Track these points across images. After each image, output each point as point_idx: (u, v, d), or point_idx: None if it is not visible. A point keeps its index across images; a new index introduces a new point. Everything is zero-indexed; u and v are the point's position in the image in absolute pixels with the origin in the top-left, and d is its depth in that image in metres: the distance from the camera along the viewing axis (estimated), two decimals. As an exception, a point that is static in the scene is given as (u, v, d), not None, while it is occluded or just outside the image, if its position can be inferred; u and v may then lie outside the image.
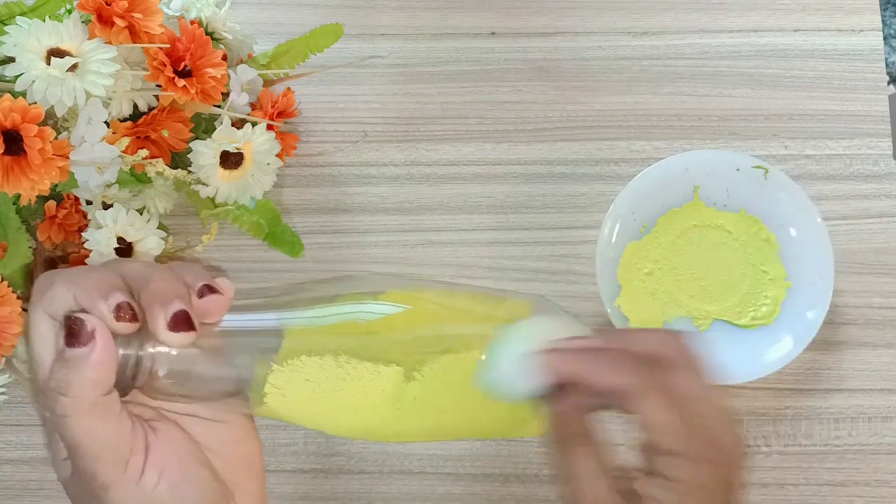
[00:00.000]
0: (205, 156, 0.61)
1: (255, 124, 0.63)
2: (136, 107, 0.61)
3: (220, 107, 0.62)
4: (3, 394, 0.61)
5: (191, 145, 0.62)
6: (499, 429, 0.47)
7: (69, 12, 0.58)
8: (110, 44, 0.56)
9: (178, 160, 0.63)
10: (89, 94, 0.54)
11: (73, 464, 0.41)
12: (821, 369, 0.69)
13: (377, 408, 0.43)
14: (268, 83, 0.67)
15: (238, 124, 0.62)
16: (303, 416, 0.43)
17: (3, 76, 0.56)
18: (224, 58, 0.61)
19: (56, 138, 0.54)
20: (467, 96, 0.73)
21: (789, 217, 0.66)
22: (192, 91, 0.59)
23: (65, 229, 0.63)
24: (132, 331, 0.39)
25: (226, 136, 0.61)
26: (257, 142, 0.63)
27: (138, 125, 0.61)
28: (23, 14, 0.58)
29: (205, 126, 0.64)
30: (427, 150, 0.72)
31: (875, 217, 0.71)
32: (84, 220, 0.64)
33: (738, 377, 0.65)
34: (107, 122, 0.57)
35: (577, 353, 0.43)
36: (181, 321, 0.39)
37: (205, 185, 0.62)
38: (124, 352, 0.39)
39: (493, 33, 0.74)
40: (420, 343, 0.43)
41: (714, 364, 0.44)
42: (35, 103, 0.53)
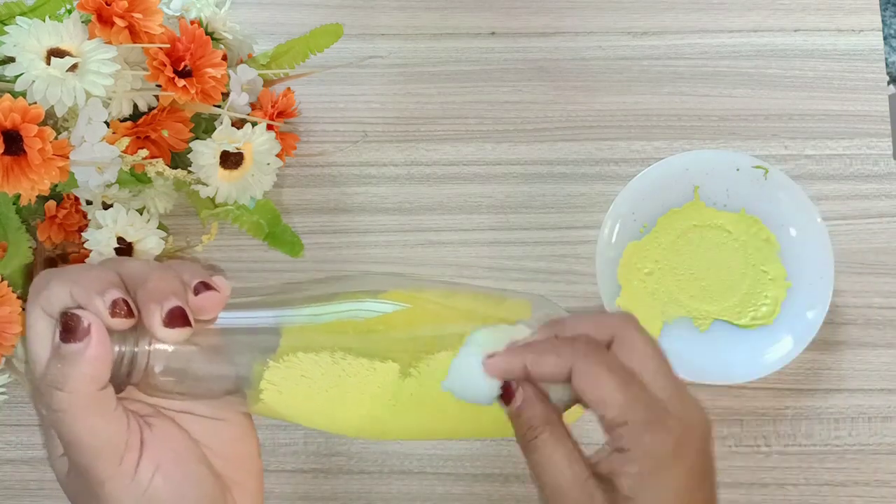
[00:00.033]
0: (205, 156, 0.61)
1: (255, 124, 0.63)
2: (136, 107, 0.61)
3: (220, 107, 0.62)
4: (3, 394, 0.62)
5: (191, 145, 0.62)
6: (496, 428, 0.46)
7: (69, 12, 0.58)
8: (110, 44, 0.56)
9: (178, 160, 0.63)
10: (89, 94, 0.54)
11: (69, 459, 0.41)
12: (821, 369, 0.69)
13: (373, 404, 0.43)
14: (268, 83, 0.67)
15: (238, 124, 0.62)
16: (299, 413, 0.43)
17: (3, 76, 0.56)
18: (224, 58, 0.61)
19: (56, 138, 0.54)
20: (467, 96, 0.73)
21: (789, 217, 0.66)
22: (192, 91, 0.59)
23: (65, 229, 0.64)
24: (128, 326, 0.39)
25: (226, 136, 0.61)
26: (257, 142, 0.63)
27: (138, 125, 0.61)
28: (23, 14, 0.58)
29: (205, 126, 0.64)
30: (427, 150, 0.72)
31: (875, 217, 0.71)
32: (84, 220, 0.64)
33: (738, 377, 0.65)
34: (107, 122, 0.57)
35: (524, 346, 0.44)
36: (177, 317, 0.39)
37: (205, 185, 0.62)
38: (120, 348, 0.39)
39: (493, 33, 0.74)
40: (417, 340, 0.43)
41: (655, 337, 0.46)
42: (35, 103, 0.53)
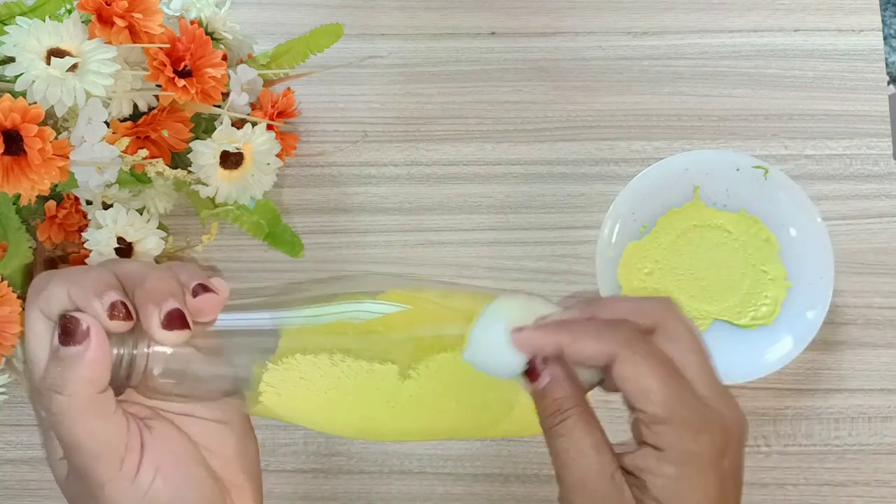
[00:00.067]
0: (205, 156, 0.61)
1: (255, 124, 0.63)
2: (136, 107, 0.61)
3: (220, 107, 0.62)
4: (3, 394, 0.62)
5: (191, 145, 0.62)
6: (496, 428, 0.46)
7: (69, 12, 0.58)
8: (110, 44, 0.56)
9: (178, 160, 0.63)
10: (89, 94, 0.54)
11: (68, 462, 0.41)
12: (821, 369, 0.69)
13: (372, 406, 0.43)
14: (268, 83, 0.67)
15: (238, 124, 0.62)
16: (298, 415, 0.44)
17: (3, 76, 0.56)
18: (224, 58, 0.61)
19: (56, 138, 0.54)
20: (467, 96, 0.73)
21: (789, 217, 0.66)
22: (192, 91, 0.59)
23: (65, 229, 0.64)
24: (126, 329, 0.39)
25: (226, 136, 0.61)
26: (257, 142, 0.63)
27: (138, 125, 0.61)
28: (23, 14, 0.58)
29: (205, 126, 0.64)
30: (427, 150, 0.72)
31: (875, 217, 0.71)
32: (84, 220, 0.64)
33: (738, 377, 0.65)
34: (107, 122, 0.57)
35: (559, 324, 0.41)
36: (175, 319, 0.39)
37: (205, 185, 0.62)
38: (119, 350, 0.39)
39: (493, 33, 0.74)
40: (416, 341, 0.43)
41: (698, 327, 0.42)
42: (35, 103, 0.53)
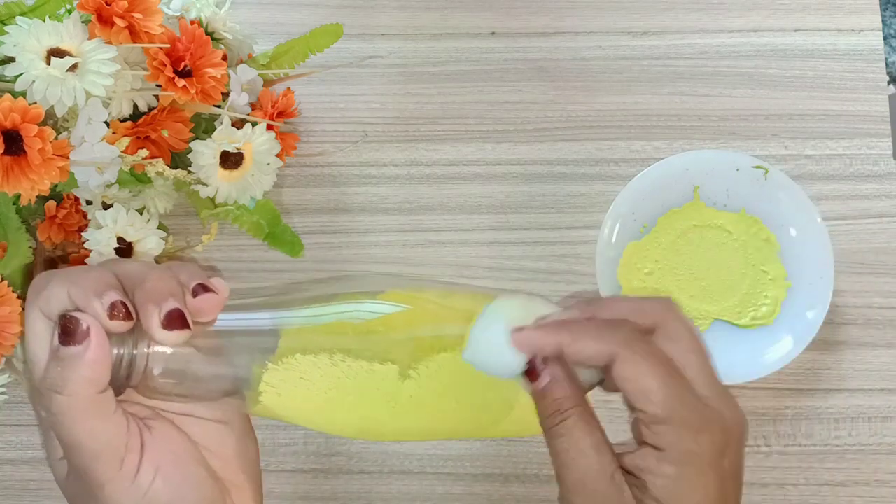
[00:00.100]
0: (205, 156, 0.61)
1: (255, 124, 0.63)
2: (136, 107, 0.61)
3: (220, 107, 0.62)
4: (3, 394, 0.62)
5: (191, 145, 0.62)
6: (496, 428, 0.46)
7: (69, 12, 0.58)
8: (110, 44, 0.56)
9: (178, 160, 0.63)
10: (89, 94, 0.54)
11: (68, 462, 0.41)
12: (821, 369, 0.69)
13: (372, 406, 0.43)
14: (268, 83, 0.67)
15: (238, 124, 0.62)
16: (298, 415, 0.44)
17: (3, 76, 0.56)
18: (224, 58, 0.61)
19: (56, 138, 0.54)
20: (467, 96, 0.73)
21: (789, 217, 0.66)
22: (192, 91, 0.59)
23: (65, 229, 0.64)
24: (126, 329, 0.39)
25: (226, 136, 0.61)
26: (257, 142, 0.63)
27: (138, 125, 0.61)
28: (23, 14, 0.58)
29: (205, 126, 0.64)
30: (427, 150, 0.72)
31: (875, 217, 0.71)
32: (84, 220, 0.64)
33: (738, 377, 0.65)
34: (107, 122, 0.57)
35: (559, 324, 0.42)
36: (175, 319, 0.39)
37: (205, 185, 0.62)
38: (119, 350, 0.39)
39: (493, 33, 0.74)
40: (416, 341, 0.43)
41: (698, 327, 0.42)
42: (35, 103, 0.53)
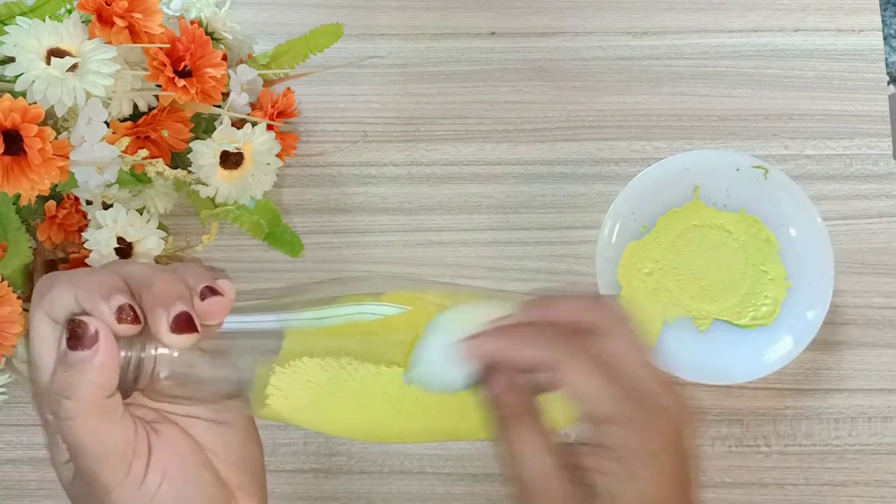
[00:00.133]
0: (205, 156, 0.61)
1: (255, 124, 0.62)
2: (136, 107, 0.61)
3: (220, 107, 0.62)
4: (3, 394, 0.62)
5: (191, 145, 0.61)
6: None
7: (69, 12, 0.58)
8: (110, 44, 0.56)
9: (178, 160, 0.63)
10: (89, 94, 0.54)
11: (75, 466, 0.40)
12: (821, 369, 0.69)
13: (379, 409, 0.43)
14: (268, 83, 0.67)
15: (238, 124, 0.62)
16: (305, 418, 0.43)
17: (3, 76, 0.56)
18: (224, 58, 0.61)
19: (56, 138, 0.54)
20: (467, 96, 0.73)
21: (789, 217, 0.66)
22: (192, 91, 0.59)
23: (65, 229, 0.63)
24: (134, 333, 0.39)
25: (226, 136, 0.61)
26: (257, 142, 0.63)
27: (138, 125, 0.61)
28: (23, 14, 0.58)
29: (205, 126, 0.64)
30: (427, 150, 0.72)
31: (875, 217, 0.71)
32: (84, 220, 0.64)
33: (738, 377, 0.65)
34: (107, 122, 0.57)
35: (495, 333, 0.42)
36: (183, 323, 0.39)
37: (205, 185, 0.62)
38: (126, 354, 0.39)
39: (493, 33, 0.74)
40: None
41: (643, 328, 0.43)
42: (35, 103, 0.53)
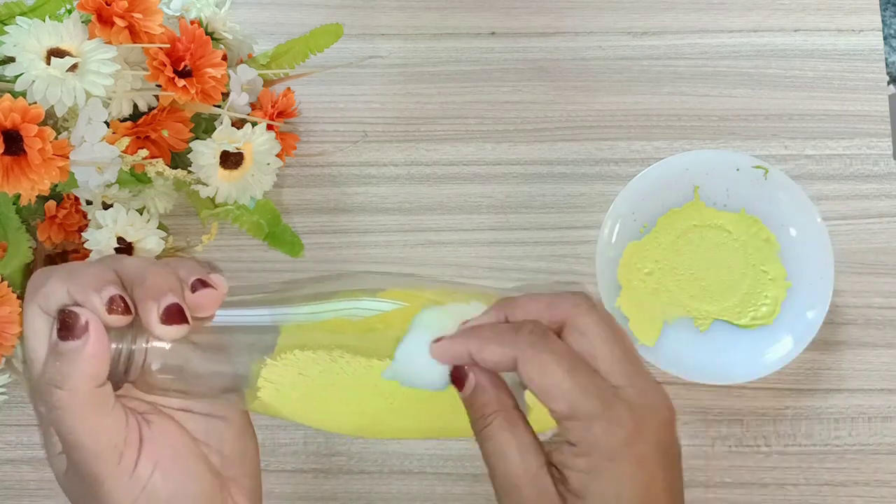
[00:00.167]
0: (205, 156, 0.61)
1: (255, 124, 0.63)
2: (136, 107, 0.61)
3: (220, 107, 0.62)
4: (3, 394, 0.62)
5: (191, 145, 0.62)
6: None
7: (69, 12, 0.58)
8: (110, 44, 0.56)
9: (178, 160, 0.63)
10: (89, 94, 0.54)
11: (67, 457, 0.41)
12: (821, 369, 0.69)
13: (371, 403, 0.43)
14: (268, 83, 0.67)
15: (238, 124, 0.62)
16: (296, 411, 0.43)
17: (3, 76, 0.56)
18: (224, 58, 0.61)
19: (56, 138, 0.54)
20: (467, 96, 0.73)
21: (789, 217, 0.66)
22: (192, 91, 0.59)
23: (65, 229, 0.64)
24: (125, 323, 0.39)
25: (226, 136, 0.61)
26: (257, 142, 0.63)
27: (138, 125, 0.61)
28: (23, 14, 0.58)
29: (205, 126, 0.64)
30: (427, 150, 0.72)
31: (875, 217, 0.71)
32: (84, 220, 0.64)
33: (738, 377, 0.65)
34: (107, 122, 0.57)
35: (465, 334, 0.42)
36: (174, 314, 0.39)
37: (205, 185, 0.62)
38: (117, 345, 0.39)
39: (493, 33, 0.74)
40: None
41: (617, 319, 0.42)
42: (35, 103, 0.53)
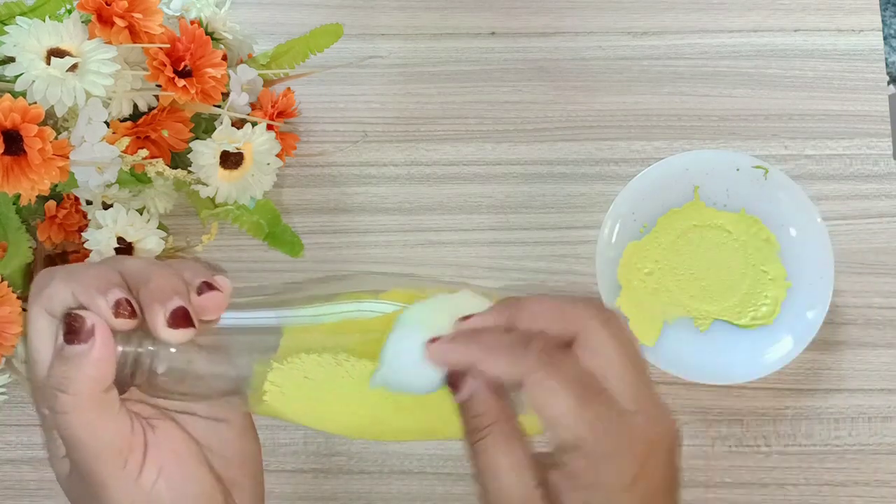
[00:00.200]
0: (205, 156, 0.61)
1: (255, 124, 0.63)
2: (136, 107, 0.61)
3: (220, 107, 0.62)
4: (3, 394, 0.62)
5: (191, 145, 0.62)
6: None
7: (69, 12, 0.58)
8: (110, 44, 0.56)
9: (178, 160, 0.63)
10: (89, 94, 0.54)
11: (71, 461, 0.41)
12: (821, 369, 0.69)
13: (375, 406, 0.43)
14: (268, 83, 0.67)
15: (238, 124, 0.62)
16: (302, 415, 0.43)
17: (3, 76, 0.56)
18: (224, 58, 0.61)
19: (56, 138, 0.54)
20: (467, 96, 0.73)
21: (789, 217, 0.66)
22: (192, 91, 0.59)
23: (65, 229, 0.63)
24: (131, 327, 0.39)
25: (226, 136, 0.61)
26: (257, 142, 0.63)
27: (138, 125, 0.61)
28: (23, 14, 0.58)
29: (205, 126, 0.64)
30: (427, 150, 0.72)
31: (875, 217, 0.71)
32: (84, 220, 0.64)
33: (738, 377, 0.65)
34: (107, 122, 0.57)
35: (472, 335, 0.40)
36: (180, 318, 0.39)
37: (205, 185, 0.62)
38: (123, 349, 0.39)
39: (493, 33, 0.74)
40: None
41: (624, 329, 0.39)
42: (35, 103, 0.53)
